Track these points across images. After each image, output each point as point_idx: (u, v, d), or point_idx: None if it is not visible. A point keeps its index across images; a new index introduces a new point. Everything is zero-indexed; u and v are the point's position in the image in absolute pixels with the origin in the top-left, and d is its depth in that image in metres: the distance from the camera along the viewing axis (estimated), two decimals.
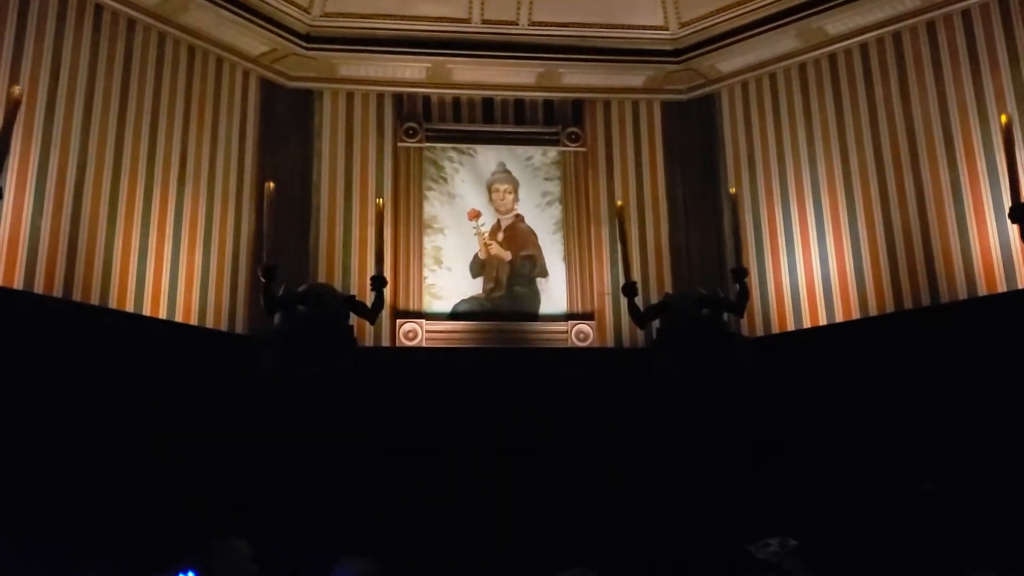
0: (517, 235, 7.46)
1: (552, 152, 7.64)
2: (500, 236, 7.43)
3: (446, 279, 7.27)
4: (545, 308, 7.26)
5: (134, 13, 6.69)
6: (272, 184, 6.19)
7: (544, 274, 7.35)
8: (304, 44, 7.39)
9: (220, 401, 6.02)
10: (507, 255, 7.38)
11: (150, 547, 5.30)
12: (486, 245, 7.39)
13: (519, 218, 7.50)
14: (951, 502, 5.57)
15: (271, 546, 5.32)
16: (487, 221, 7.46)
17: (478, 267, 7.33)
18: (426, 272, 7.24)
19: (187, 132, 6.86)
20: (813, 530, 5.11)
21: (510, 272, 7.34)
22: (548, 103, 7.77)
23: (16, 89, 5.21)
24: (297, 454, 6.10)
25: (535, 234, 7.46)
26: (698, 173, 7.67)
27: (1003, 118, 5.61)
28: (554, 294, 7.30)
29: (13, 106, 5.13)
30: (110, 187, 6.30)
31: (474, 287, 7.29)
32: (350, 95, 7.60)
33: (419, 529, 6.05)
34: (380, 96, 7.62)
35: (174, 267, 6.54)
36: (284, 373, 6.00)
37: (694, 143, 7.76)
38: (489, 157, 7.58)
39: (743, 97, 7.64)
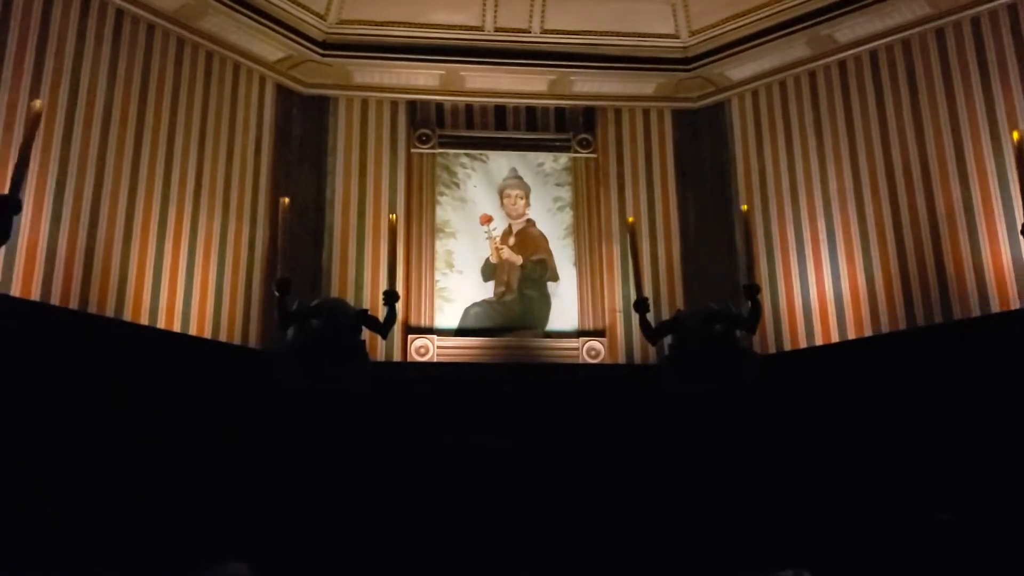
0: (528, 240, 7.38)
1: (563, 158, 7.56)
2: (511, 241, 7.36)
3: (458, 282, 7.21)
4: (556, 313, 7.18)
5: (153, 18, 6.62)
6: (287, 199, 6.13)
7: (555, 278, 7.28)
8: (320, 51, 7.32)
9: (232, 415, 5.94)
10: (518, 259, 7.31)
11: (153, 564, 5.27)
12: (497, 249, 7.32)
13: (530, 223, 7.42)
14: (969, 531, 5.40)
15: (275, 569, 5.29)
16: (499, 226, 7.39)
17: (489, 271, 7.26)
18: (438, 276, 7.18)
19: (203, 143, 6.79)
20: (826, 559, 5.00)
21: (521, 276, 7.27)
22: (560, 110, 7.68)
23: (37, 103, 5.14)
24: (308, 470, 6.02)
25: (546, 239, 7.38)
26: (709, 182, 7.56)
27: (1015, 134, 5.48)
28: (565, 298, 7.22)
29: (33, 120, 5.09)
30: (127, 200, 6.23)
31: (485, 291, 7.21)
32: (364, 102, 7.54)
33: (429, 547, 5.95)
34: (394, 103, 7.56)
35: (189, 280, 6.47)
36: (297, 387, 5.92)
37: (705, 152, 7.66)
38: (501, 163, 7.51)
39: (753, 105, 7.52)
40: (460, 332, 7.04)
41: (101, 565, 5.15)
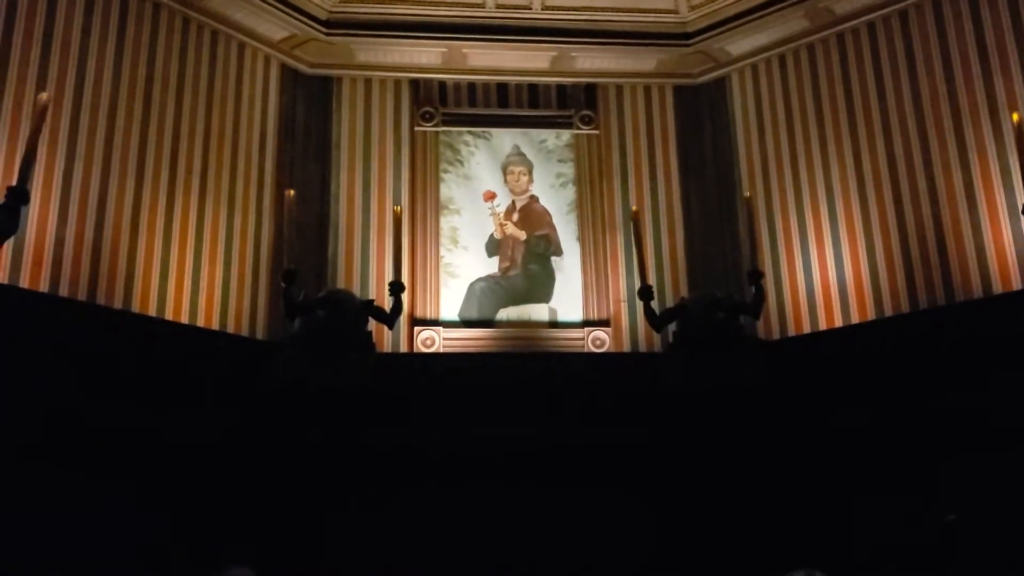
0: (532, 215, 7.19)
1: (565, 135, 7.35)
2: (515, 217, 7.17)
3: (463, 258, 7.02)
4: (560, 286, 6.98)
5: None
6: (292, 192, 6.00)
7: (559, 252, 7.09)
8: (324, 30, 7.10)
9: (239, 407, 5.75)
10: (522, 235, 7.12)
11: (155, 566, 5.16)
12: (501, 225, 7.13)
13: (533, 199, 7.22)
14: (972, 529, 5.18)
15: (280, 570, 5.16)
16: (502, 202, 7.19)
17: (493, 247, 7.08)
18: (443, 252, 7.00)
19: (209, 128, 6.58)
20: (836, 558, 4.82)
21: (525, 251, 7.08)
22: (561, 87, 7.44)
23: (43, 96, 5.02)
24: (313, 464, 5.82)
25: (549, 214, 7.19)
26: (711, 164, 7.32)
27: (1015, 116, 5.33)
28: (568, 272, 7.03)
29: (40, 113, 4.95)
30: (134, 192, 6.05)
31: (490, 266, 7.03)
32: (368, 81, 7.30)
33: (439, 541, 5.76)
34: (397, 82, 7.32)
35: (196, 272, 6.28)
36: (302, 379, 5.75)
37: (706, 131, 7.42)
38: (504, 140, 7.30)
39: (753, 81, 7.28)
40: (466, 323, 6.83)
41: (102, 566, 4.99)
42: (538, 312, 6.90)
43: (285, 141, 7.02)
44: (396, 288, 5.96)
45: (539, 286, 7.01)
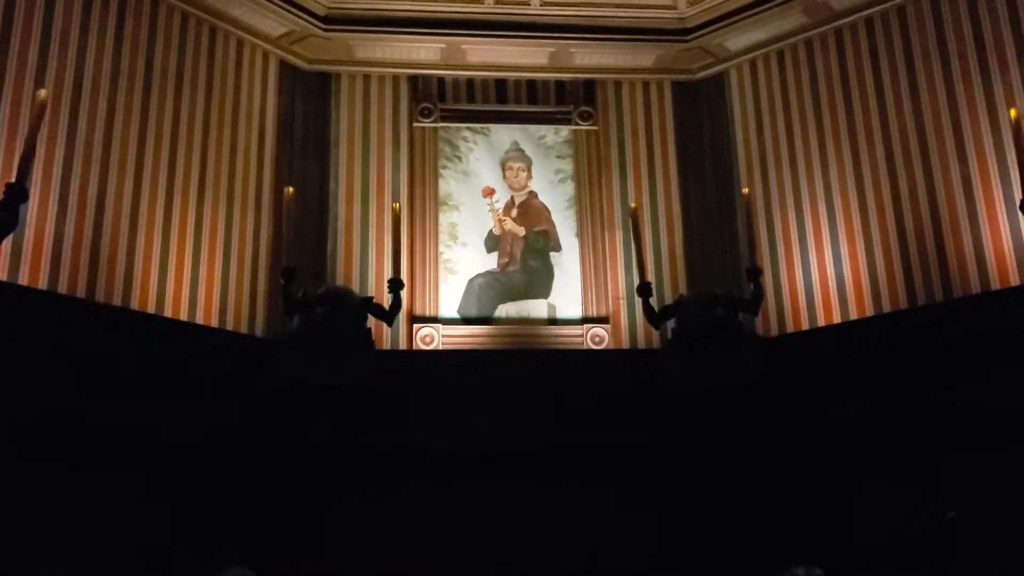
0: (531, 211, 7.16)
1: (564, 131, 7.32)
2: (514, 212, 7.14)
3: (461, 254, 6.99)
4: (559, 282, 6.96)
5: None
6: (291, 188, 5.97)
7: (558, 248, 7.07)
8: (322, 26, 7.05)
9: (239, 404, 5.71)
10: (521, 231, 7.09)
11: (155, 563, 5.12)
12: (500, 221, 7.10)
13: (532, 195, 7.20)
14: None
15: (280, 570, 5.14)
16: (501, 198, 7.16)
17: (492, 242, 7.06)
18: (442, 248, 6.97)
19: (208, 124, 6.54)
20: (837, 555, 4.79)
21: (524, 247, 7.05)
22: (560, 83, 7.42)
23: (42, 93, 4.97)
24: (313, 463, 5.79)
25: (548, 210, 7.16)
26: (709, 161, 7.29)
27: (1012, 112, 5.29)
28: (567, 268, 7.00)
29: (39, 110, 4.90)
30: (132, 189, 6.01)
31: (489, 262, 7.00)
32: (366, 78, 7.27)
33: (439, 540, 5.72)
34: (395, 78, 7.29)
35: (195, 269, 6.25)
36: (301, 376, 5.71)
37: (705, 126, 7.39)
38: (503, 136, 7.27)
39: (752, 77, 7.24)
40: (465, 320, 6.80)
41: (102, 566, 4.95)
42: (537, 308, 6.88)
43: (284, 138, 7.00)
44: (395, 285, 5.93)
45: (538, 282, 6.98)
